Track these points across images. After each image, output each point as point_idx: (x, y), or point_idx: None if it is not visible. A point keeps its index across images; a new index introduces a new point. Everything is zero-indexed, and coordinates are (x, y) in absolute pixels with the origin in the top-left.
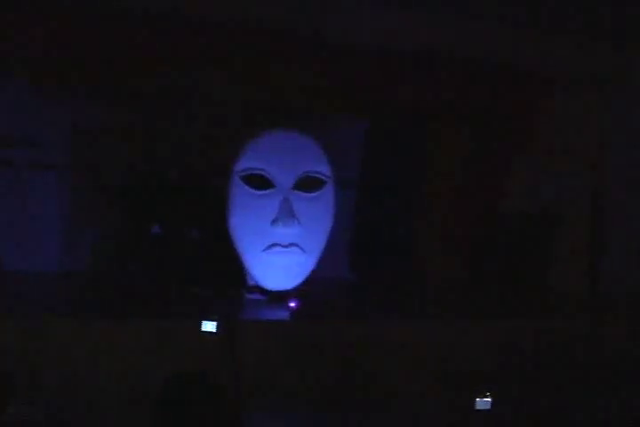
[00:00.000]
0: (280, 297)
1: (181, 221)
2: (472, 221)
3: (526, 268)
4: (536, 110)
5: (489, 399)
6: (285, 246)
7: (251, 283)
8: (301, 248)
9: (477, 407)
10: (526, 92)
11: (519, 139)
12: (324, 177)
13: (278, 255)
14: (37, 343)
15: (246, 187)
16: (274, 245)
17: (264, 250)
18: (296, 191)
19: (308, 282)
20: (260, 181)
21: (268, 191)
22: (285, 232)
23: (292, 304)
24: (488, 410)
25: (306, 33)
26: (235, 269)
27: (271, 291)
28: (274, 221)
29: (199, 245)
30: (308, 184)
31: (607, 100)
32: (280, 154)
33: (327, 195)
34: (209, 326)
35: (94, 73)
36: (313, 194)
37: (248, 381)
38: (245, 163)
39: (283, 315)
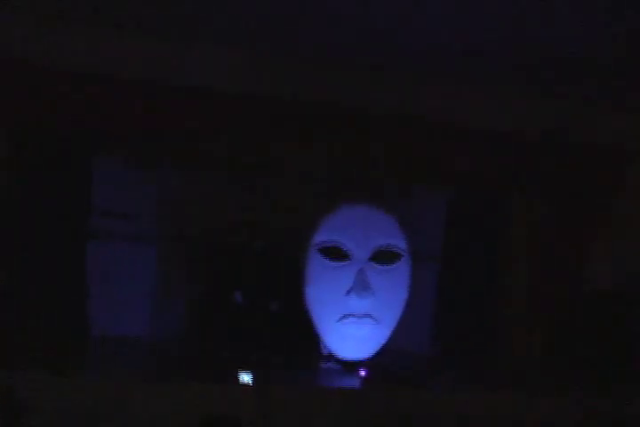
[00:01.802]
0: (353, 366)
1: (262, 291)
2: (557, 298)
3: (613, 351)
4: (619, 183)
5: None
6: (359, 317)
7: (325, 352)
8: (375, 319)
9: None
10: (610, 164)
11: (604, 212)
12: (399, 250)
13: (352, 326)
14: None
15: (322, 258)
16: (348, 315)
17: (338, 320)
18: (372, 263)
19: (384, 353)
20: (335, 253)
21: (343, 263)
22: (360, 303)
23: (363, 373)
24: None
25: (389, 105)
26: (311, 339)
27: (345, 360)
28: (348, 292)
29: (278, 314)
30: (383, 257)
31: None
32: (356, 227)
33: (403, 268)
34: (245, 378)
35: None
36: (388, 267)
37: None
38: (322, 236)
39: (353, 383)
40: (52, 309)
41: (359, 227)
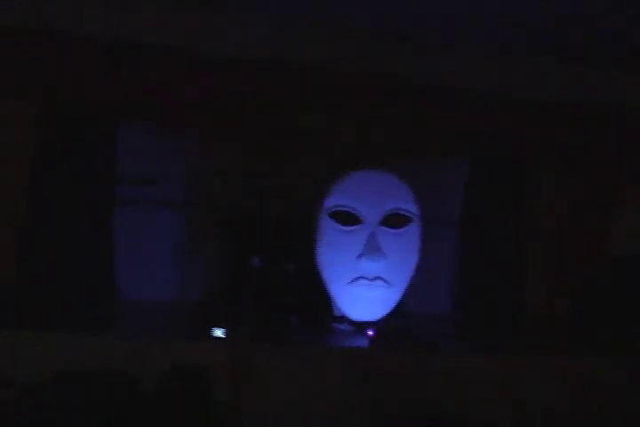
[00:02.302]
0: (364, 327)
1: (278, 255)
2: (576, 262)
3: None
4: None
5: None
6: (371, 280)
7: (338, 313)
8: (386, 281)
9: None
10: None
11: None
12: (410, 214)
13: (363, 288)
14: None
15: (334, 223)
16: (359, 278)
17: (350, 283)
18: (383, 227)
19: (402, 315)
20: (347, 218)
21: (355, 227)
22: (371, 266)
23: (370, 333)
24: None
25: (409, 76)
26: (324, 301)
27: (357, 321)
28: (360, 256)
29: (293, 277)
30: (394, 221)
31: None
32: (367, 192)
33: (413, 231)
34: (218, 333)
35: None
36: (399, 230)
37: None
38: (333, 200)
39: (363, 343)
40: (81, 273)
41: (370, 192)
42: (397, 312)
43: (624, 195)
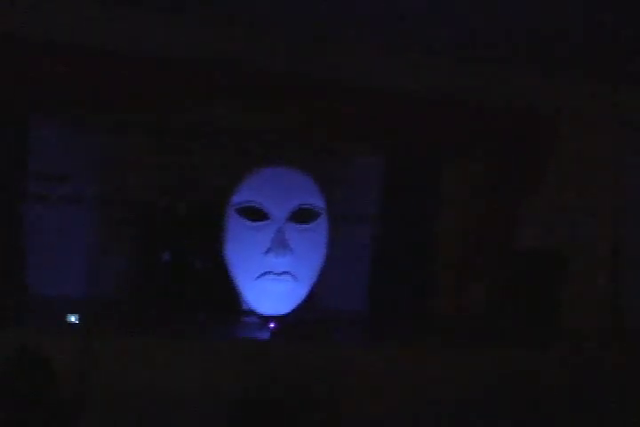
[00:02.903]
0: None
1: (186, 251)
2: (485, 258)
3: (536, 306)
4: (550, 152)
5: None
6: (278, 274)
7: (246, 308)
8: (294, 276)
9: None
10: (540, 133)
11: (532, 179)
12: (317, 209)
13: (271, 283)
14: None
15: (241, 219)
16: (267, 273)
17: (257, 277)
18: (290, 223)
19: (315, 311)
20: (254, 213)
21: (262, 223)
22: (278, 262)
23: (272, 325)
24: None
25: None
26: (233, 295)
27: (265, 315)
28: (267, 251)
29: (201, 272)
30: (301, 216)
31: (622, 142)
32: (274, 188)
33: (321, 226)
34: (72, 318)
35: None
36: (307, 225)
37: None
38: (240, 196)
39: (264, 335)
40: None
41: (277, 187)
42: (305, 306)
43: (532, 189)
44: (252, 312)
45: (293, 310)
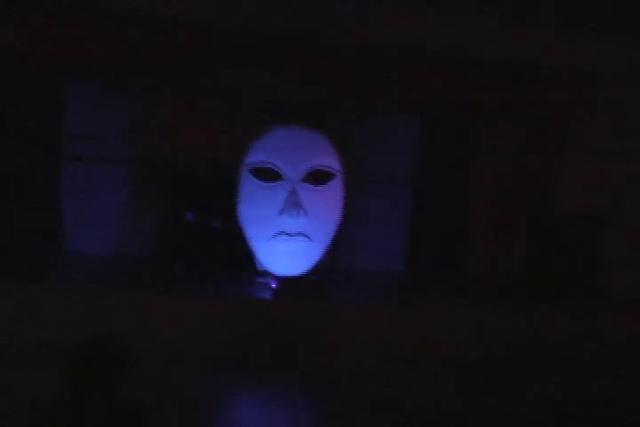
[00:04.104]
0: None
1: (207, 210)
2: (518, 219)
3: (573, 268)
4: (588, 110)
5: None
6: (292, 235)
7: (260, 268)
8: (308, 237)
9: None
10: (578, 93)
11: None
12: (332, 170)
13: (284, 243)
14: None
15: (254, 179)
16: (281, 233)
17: (271, 238)
18: (304, 184)
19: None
20: (267, 174)
21: (275, 183)
22: (292, 222)
23: (273, 285)
24: None
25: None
26: (248, 256)
27: (280, 276)
28: (281, 212)
29: (220, 232)
30: (316, 177)
31: None
32: (287, 148)
33: (335, 187)
34: None
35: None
36: (321, 186)
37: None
38: (254, 157)
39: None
40: (28, 225)
41: (291, 148)
42: (320, 267)
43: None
44: (266, 273)
45: (316, 271)
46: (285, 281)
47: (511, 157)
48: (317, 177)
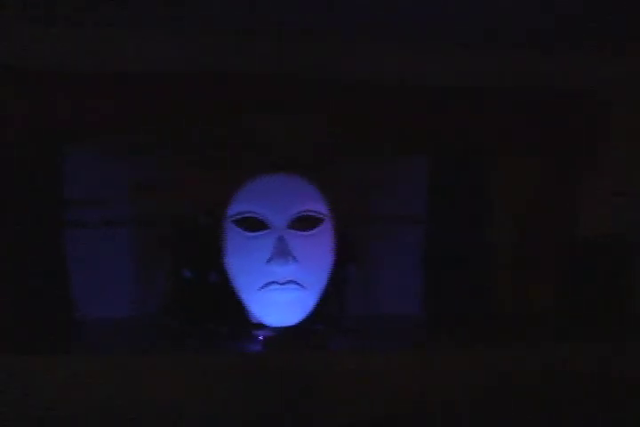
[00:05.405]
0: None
1: (204, 265)
2: (544, 248)
3: (600, 295)
4: (606, 136)
5: None
6: (282, 284)
7: (254, 321)
8: (300, 285)
9: None
10: (594, 118)
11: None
12: (319, 215)
13: (275, 293)
14: None
15: (239, 230)
16: (271, 283)
17: (261, 288)
18: (291, 230)
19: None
20: (252, 223)
21: (262, 232)
22: (282, 270)
23: (261, 336)
24: None
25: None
26: (241, 309)
27: (276, 327)
28: (269, 261)
29: (217, 286)
30: (303, 223)
31: None
32: (271, 196)
33: (324, 232)
34: None
35: None
36: (309, 232)
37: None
38: (236, 207)
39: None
40: (36, 295)
41: (274, 195)
42: (315, 316)
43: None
44: (260, 325)
45: (322, 319)
46: (282, 332)
47: (531, 185)
48: (305, 223)
